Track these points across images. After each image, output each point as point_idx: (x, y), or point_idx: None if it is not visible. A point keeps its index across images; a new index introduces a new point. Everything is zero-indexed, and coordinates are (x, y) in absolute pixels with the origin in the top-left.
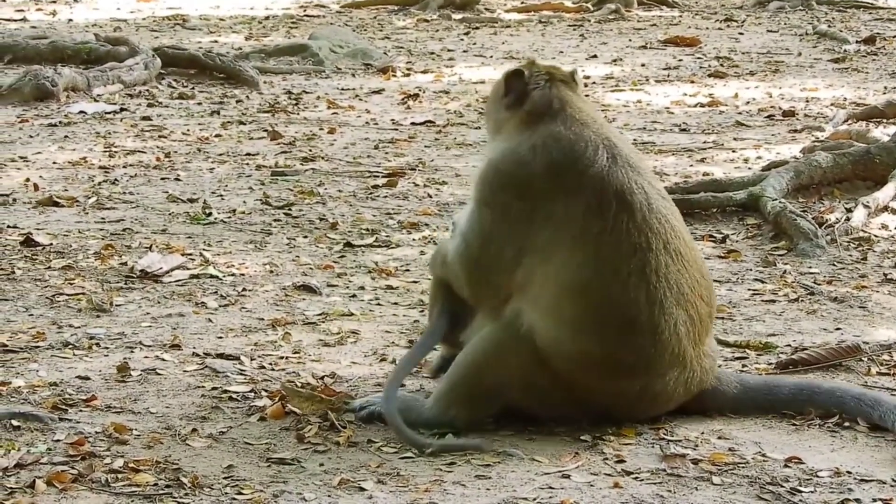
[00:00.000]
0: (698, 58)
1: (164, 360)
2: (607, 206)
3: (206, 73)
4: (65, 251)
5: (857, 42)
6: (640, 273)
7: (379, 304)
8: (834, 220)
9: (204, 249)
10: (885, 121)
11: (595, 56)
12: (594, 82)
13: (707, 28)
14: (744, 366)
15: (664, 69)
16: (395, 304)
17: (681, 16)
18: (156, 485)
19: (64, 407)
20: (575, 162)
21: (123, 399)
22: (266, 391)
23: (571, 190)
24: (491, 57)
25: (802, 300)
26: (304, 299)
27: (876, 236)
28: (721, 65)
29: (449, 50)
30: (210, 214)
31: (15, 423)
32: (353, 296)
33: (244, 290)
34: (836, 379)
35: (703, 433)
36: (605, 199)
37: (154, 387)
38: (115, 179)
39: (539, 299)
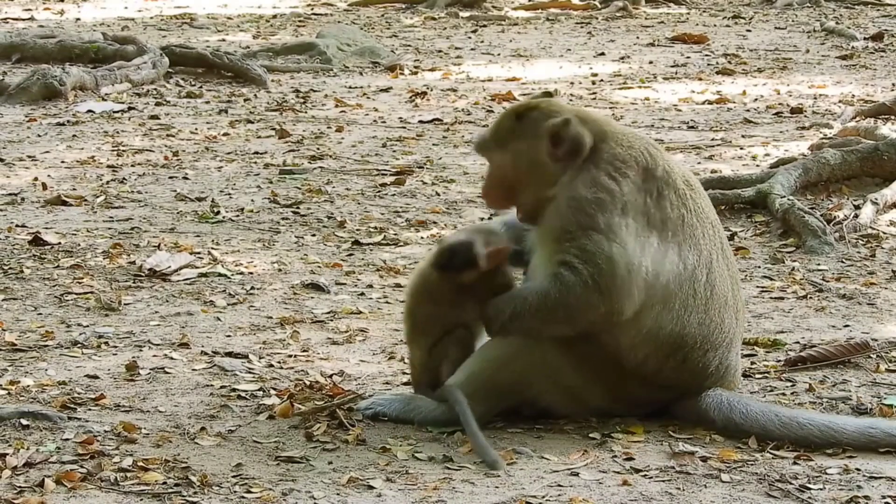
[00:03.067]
0: (706, 55)
1: (172, 358)
2: (683, 195)
3: (213, 71)
4: (73, 250)
5: (864, 39)
6: (721, 250)
7: (387, 303)
8: (842, 217)
9: (212, 248)
10: (893, 117)
11: (603, 54)
12: (602, 80)
13: (715, 25)
14: (752, 363)
15: (672, 66)
16: (404, 302)
17: (688, 13)
18: (165, 483)
19: (73, 406)
20: (646, 170)
21: (132, 398)
22: (275, 389)
23: (654, 195)
24: (498, 55)
25: (811, 297)
26: (312, 297)
27: (884, 233)
28: (729, 62)
29: (456, 48)
30: (218, 213)
31: (24, 421)
32: (362, 294)
33: (252, 288)
34: (844, 376)
35: (711, 430)
36: (679, 189)
37: (163, 385)
38: (124, 178)
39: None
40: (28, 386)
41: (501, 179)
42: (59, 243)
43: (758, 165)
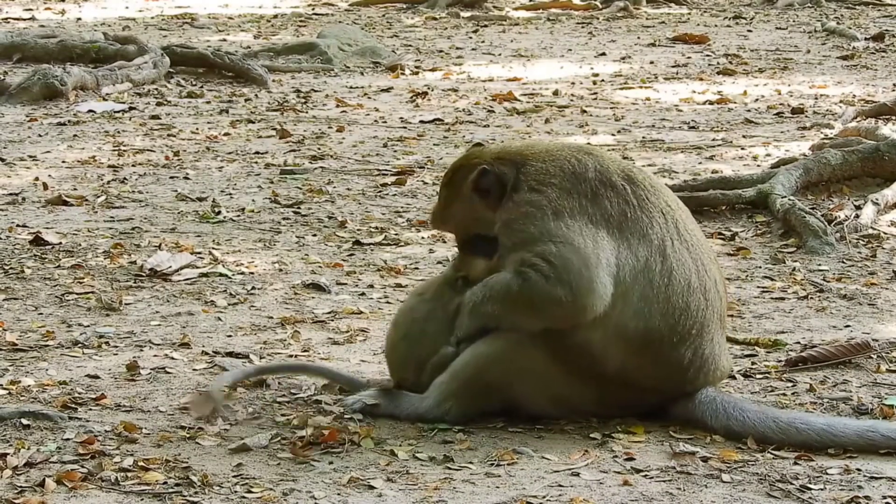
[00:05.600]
0: (707, 55)
1: (173, 358)
2: (623, 191)
3: (214, 71)
4: (74, 250)
5: (865, 39)
6: (678, 235)
7: (388, 303)
8: (843, 217)
9: (213, 248)
10: (894, 118)
11: (604, 54)
12: (603, 80)
13: (716, 25)
14: (753, 363)
15: (673, 67)
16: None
17: (689, 13)
18: (165, 483)
19: (73, 406)
20: (573, 175)
21: (133, 397)
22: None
23: (588, 196)
24: (499, 55)
25: (812, 297)
26: (313, 297)
27: (885, 233)
28: (730, 62)
29: (457, 48)
30: (219, 213)
31: (25, 421)
32: (362, 294)
33: (253, 288)
34: (845, 376)
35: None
36: (617, 186)
37: (163, 385)
38: (125, 178)
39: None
40: (29, 386)
41: (464, 240)
42: (60, 243)
43: (759, 165)
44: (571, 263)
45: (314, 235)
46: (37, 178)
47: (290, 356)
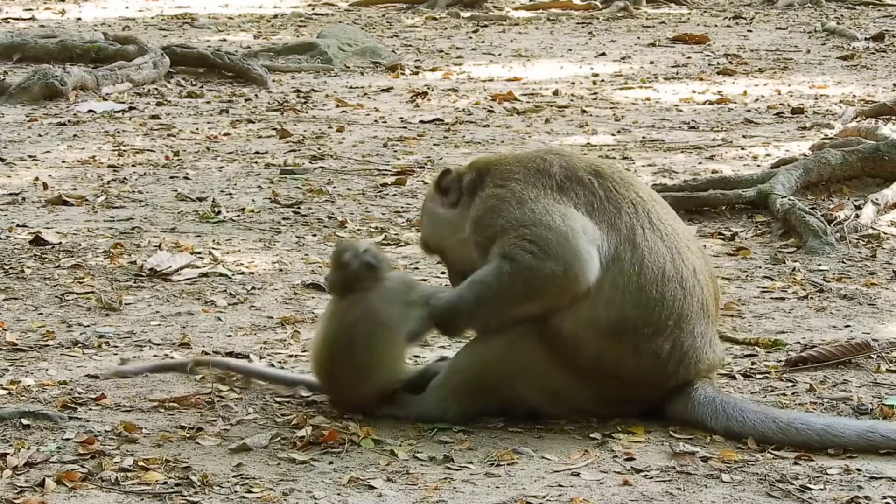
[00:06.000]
0: (707, 55)
1: (173, 358)
2: (589, 184)
3: (214, 71)
4: (74, 250)
5: (865, 39)
6: (650, 224)
7: None
8: (843, 217)
9: (213, 248)
10: (894, 118)
11: (603, 54)
12: (603, 80)
13: (716, 25)
14: (753, 363)
15: (673, 67)
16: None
17: (689, 13)
18: (165, 483)
19: (73, 405)
20: (538, 171)
21: (133, 398)
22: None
23: (553, 189)
24: (499, 55)
25: (812, 297)
26: (313, 297)
27: (885, 233)
28: (730, 62)
29: (457, 48)
30: (219, 213)
31: (25, 421)
32: None
33: (253, 288)
34: (845, 376)
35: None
36: (583, 180)
37: (164, 385)
38: (125, 178)
39: None
40: (29, 386)
41: (441, 255)
42: (60, 243)
43: (759, 165)
44: (550, 240)
45: (314, 235)
46: (37, 178)
47: (291, 356)
